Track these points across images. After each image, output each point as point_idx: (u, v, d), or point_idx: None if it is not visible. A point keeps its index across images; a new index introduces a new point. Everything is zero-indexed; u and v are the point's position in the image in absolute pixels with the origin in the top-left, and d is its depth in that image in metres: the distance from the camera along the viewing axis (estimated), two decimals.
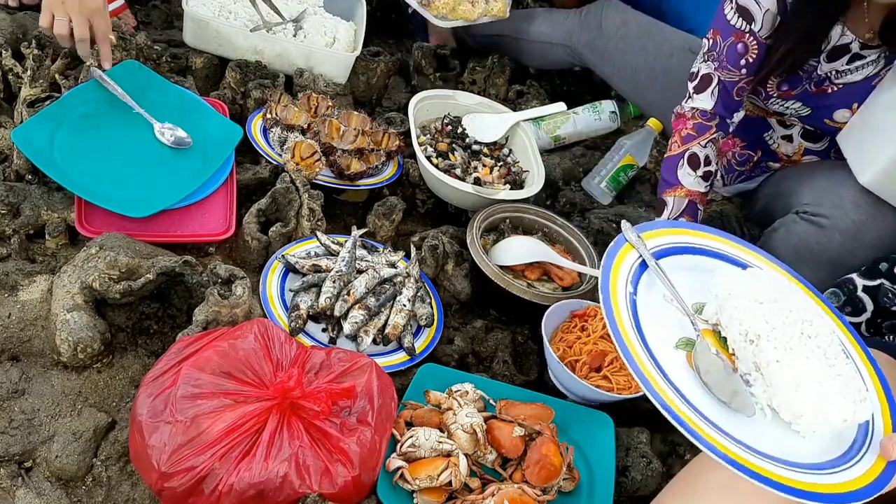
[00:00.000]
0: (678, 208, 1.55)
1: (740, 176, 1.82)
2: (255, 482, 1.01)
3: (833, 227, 1.43)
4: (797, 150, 1.68)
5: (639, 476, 1.27)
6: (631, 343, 0.90)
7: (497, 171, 1.76)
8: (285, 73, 1.84)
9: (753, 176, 1.80)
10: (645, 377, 0.86)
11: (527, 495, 1.13)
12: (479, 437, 1.17)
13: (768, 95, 1.58)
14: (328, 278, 1.38)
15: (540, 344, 1.46)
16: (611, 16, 2.01)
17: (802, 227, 1.48)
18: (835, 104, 1.52)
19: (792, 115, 1.60)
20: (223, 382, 1.08)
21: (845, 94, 1.50)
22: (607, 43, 1.99)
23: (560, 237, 1.67)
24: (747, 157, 1.77)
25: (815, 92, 1.53)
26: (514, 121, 1.87)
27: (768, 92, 1.58)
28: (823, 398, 0.87)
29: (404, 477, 1.11)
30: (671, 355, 0.93)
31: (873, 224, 1.41)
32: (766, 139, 1.72)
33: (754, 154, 1.77)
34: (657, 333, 0.94)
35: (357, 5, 2.09)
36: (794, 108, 1.58)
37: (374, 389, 1.15)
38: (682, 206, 1.55)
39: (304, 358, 1.18)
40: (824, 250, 1.44)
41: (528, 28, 2.17)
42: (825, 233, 1.44)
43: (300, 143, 1.59)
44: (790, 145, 1.68)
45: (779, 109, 1.61)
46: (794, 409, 0.87)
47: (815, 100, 1.54)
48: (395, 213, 1.59)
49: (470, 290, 1.56)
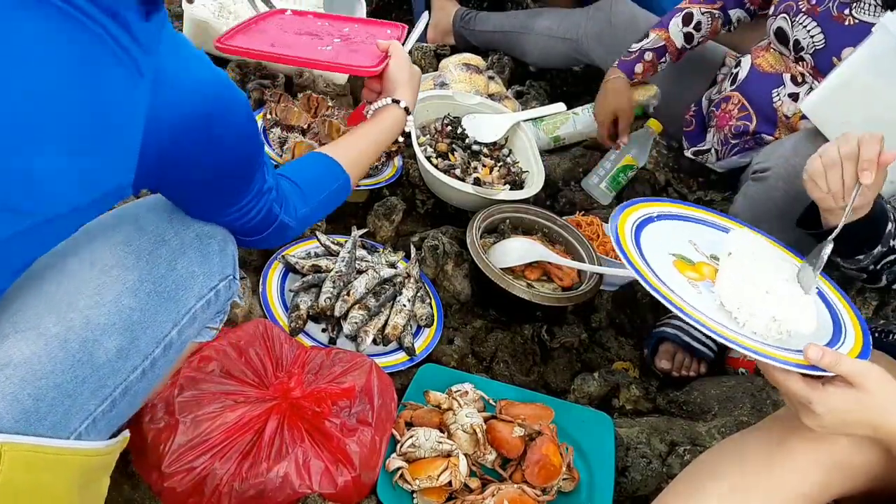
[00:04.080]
0: (652, 44, 1.81)
1: (734, 149, 1.82)
2: (256, 482, 1.01)
3: (776, 176, 1.43)
4: (798, 111, 1.67)
5: (639, 476, 1.27)
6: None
7: (497, 172, 1.76)
8: (285, 73, 1.84)
9: (747, 149, 1.81)
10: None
11: (526, 495, 1.13)
12: (479, 437, 1.17)
13: (798, 10, 1.61)
14: (328, 278, 1.38)
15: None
16: (620, 10, 2.03)
17: (753, 187, 1.49)
18: (846, 41, 1.53)
19: (809, 46, 1.61)
20: (223, 383, 1.08)
21: (857, 32, 1.50)
22: (616, 34, 2.00)
23: (560, 237, 1.67)
24: (743, 129, 1.77)
25: (836, 17, 1.55)
26: (514, 121, 1.87)
27: (798, 6, 1.61)
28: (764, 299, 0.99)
29: (404, 477, 1.11)
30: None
31: None
32: (772, 97, 1.72)
33: (750, 123, 1.77)
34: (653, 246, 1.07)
35: (357, 5, 2.09)
36: (813, 35, 1.60)
37: (373, 390, 1.15)
38: (656, 45, 1.81)
39: (304, 358, 1.18)
40: (773, 203, 1.44)
41: (532, 23, 2.18)
42: (769, 184, 1.44)
43: (300, 144, 1.59)
44: (794, 105, 1.68)
45: (800, 35, 1.62)
46: (737, 300, 0.99)
47: (833, 27, 1.56)
48: (395, 213, 1.59)
49: (470, 290, 1.56)
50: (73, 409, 0.78)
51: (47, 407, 0.75)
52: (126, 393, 0.83)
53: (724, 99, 1.79)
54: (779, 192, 1.43)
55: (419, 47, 2.20)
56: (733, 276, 1.02)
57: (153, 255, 0.84)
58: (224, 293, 0.92)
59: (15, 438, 0.71)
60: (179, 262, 0.85)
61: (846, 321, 1.04)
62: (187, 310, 0.86)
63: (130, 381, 0.83)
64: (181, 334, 0.87)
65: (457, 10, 2.33)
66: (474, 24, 2.29)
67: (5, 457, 0.70)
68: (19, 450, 0.72)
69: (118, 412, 0.83)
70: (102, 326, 0.79)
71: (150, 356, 0.84)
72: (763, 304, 0.98)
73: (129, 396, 0.84)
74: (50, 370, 0.76)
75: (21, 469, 0.72)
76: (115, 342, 0.80)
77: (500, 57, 2.22)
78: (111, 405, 0.82)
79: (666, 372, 1.53)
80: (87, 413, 0.79)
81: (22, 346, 0.75)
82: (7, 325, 0.77)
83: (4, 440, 0.70)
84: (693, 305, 0.94)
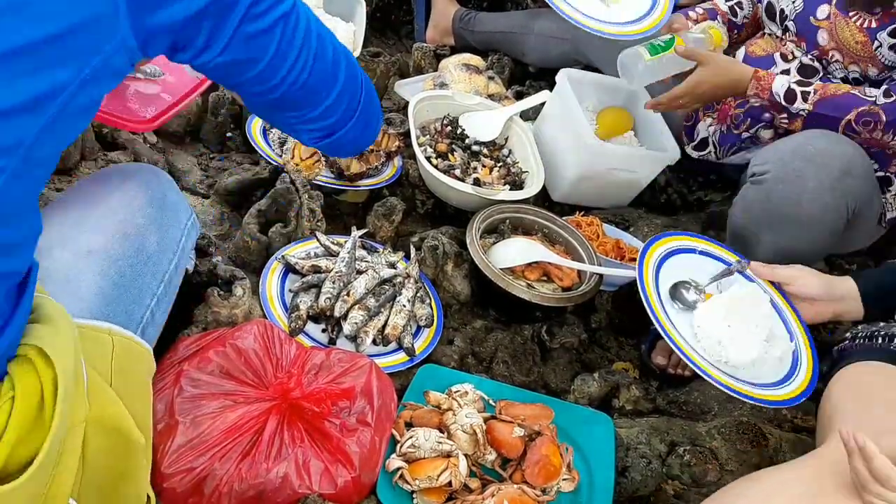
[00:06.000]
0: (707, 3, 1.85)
1: (732, 147, 1.82)
2: (255, 483, 1.01)
3: (775, 179, 1.44)
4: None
5: (639, 476, 1.27)
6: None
7: (497, 172, 1.76)
8: None
9: (744, 148, 1.81)
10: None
11: (526, 496, 1.13)
12: (479, 437, 1.17)
13: None
14: (328, 279, 1.38)
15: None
16: None
17: (752, 190, 1.49)
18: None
19: (791, 12, 1.64)
20: (223, 383, 1.09)
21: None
22: None
23: (560, 237, 1.67)
24: (742, 118, 1.77)
25: None
26: (509, 115, 1.86)
27: None
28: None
29: (404, 477, 1.11)
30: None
31: (811, 169, 1.41)
32: None
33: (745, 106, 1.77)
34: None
35: (357, 6, 2.09)
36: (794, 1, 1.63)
37: (373, 390, 1.15)
38: (708, 6, 1.83)
39: (303, 358, 1.18)
40: (772, 206, 1.45)
41: (531, 23, 2.18)
42: (768, 187, 1.45)
43: (300, 144, 1.59)
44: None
45: (784, 4, 1.65)
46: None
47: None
48: (394, 213, 1.59)
49: (469, 290, 1.56)
50: (138, 298, 0.96)
51: (119, 295, 0.92)
52: (165, 294, 1.02)
53: None
54: (777, 195, 1.43)
55: (419, 47, 2.19)
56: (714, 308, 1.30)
57: (152, 184, 1.04)
58: (196, 224, 1.12)
59: (115, 328, 0.83)
60: (168, 194, 1.06)
61: (803, 365, 1.30)
62: (183, 224, 1.07)
63: (168, 276, 1.02)
64: (183, 245, 1.07)
65: (456, 10, 2.33)
66: (474, 24, 2.28)
67: (116, 344, 0.79)
68: (118, 337, 0.83)
69: (157, 318, 1.02)
70: (142, 226, 0.98)
71: (175, 255, 1.04)
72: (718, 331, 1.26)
73: (164, 302, 1.03)
74: (116, 258, 0.93)
75: (124, 356, 0.83)
76: (154, 237, 0.99)
77: (500, 57, 2.22)
78: (157, 303, 1.00)
79: (662, 368, 1.53)
80: (146, 306, 0.97)
81: (94, 239, 0.93)
82: (72, 229, 0.94)
83: (109, 327, 0.81)
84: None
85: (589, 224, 1.75)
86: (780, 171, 1.43)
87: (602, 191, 1.87)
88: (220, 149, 1.78)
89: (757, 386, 1.23)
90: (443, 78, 2.01)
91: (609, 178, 1.83)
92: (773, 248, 1.49)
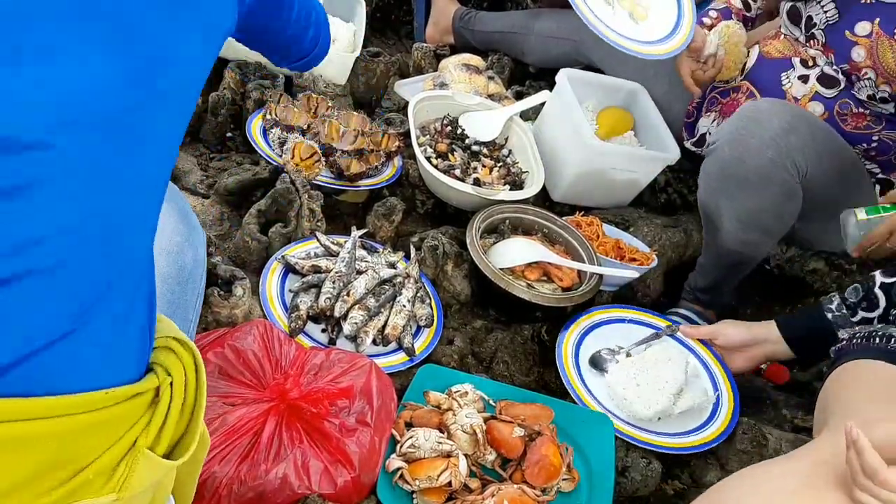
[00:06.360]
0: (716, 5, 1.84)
1: None
2: (255, 484, 1.01)
3: (722, 143, 1.48)
4: (808, 92, 1.67)
5: (639, 476, 1.27)
6: None
7: (497, 172, 1.76)
8: (285, 73, 1.84)
9: None
10: None
11: (526, 496, 1.13)
12: (479, 437, 1.17)
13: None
14: (328, 279, 1.38)
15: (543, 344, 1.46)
16: None
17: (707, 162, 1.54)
18: (861, 15, 1.55)
19: (821, 22, 1.62)
20: (222, 384, 1.09)
21: (873, 9, 1.52)
22: None
23: (560, 237, 1.67)
24: None
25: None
26: (509, 115, 1.87)
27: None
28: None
29: (404, 477, 1.11)
30: None
31: (753, 127, 1.45)
32: (781, 80, 1.72)
33: None
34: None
35: (357, 6, 2.09)
36: (827, 11, 1.60)
37: (373, 390, 1.15)
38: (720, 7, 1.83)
39: (303, 359, 1.18)
40: (721, 166, 1.49)
41: (531, 23, 2.18)
42: (717, 154, 1.50)
43: (300, 144, 1.59)
44: (803, 86, 1.67)
45: (813, 12, 1.63)
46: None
47: (848, 2, 1.57)
48: (394, 213, 1.59)
49: (470, 290, 1.56)
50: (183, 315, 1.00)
51: (171, 314, 0.94)
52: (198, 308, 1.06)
53: (732, 89, 1.80)
54: (725, 159, 1.49)
55: (419, 47, 2.19)
56: (624, 369, 1.42)
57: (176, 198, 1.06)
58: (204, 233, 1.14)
59: (181, 334, 0.81)
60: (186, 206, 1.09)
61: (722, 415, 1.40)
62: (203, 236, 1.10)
63: (200, 290, 1.05)
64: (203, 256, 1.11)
65: (456, 9, 2.33)
66: (474, 23, 2.28)
67: (188, 343, 0.78)
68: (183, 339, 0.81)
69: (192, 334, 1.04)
70: (179, 243, 1.01)
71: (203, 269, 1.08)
72: (626, 389, 1.39)
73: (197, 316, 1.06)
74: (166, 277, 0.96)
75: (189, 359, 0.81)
76: (190, 253, 1.02)
77: (500, 57, 2.22)
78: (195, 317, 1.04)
79: None
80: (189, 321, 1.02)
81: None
82: None
83: (178, 335, 0.79)
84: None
85: (589, 224, 1.75)
86: (727, 136, 1.48)
87: (602, 191, 1.87)
88: (220, 149, 1.78)
89: (662, 435, 1.34)
90: (443, 78, 2.01)
91: (609, 178, 1.83)
92: (735, 217, 1.53)
